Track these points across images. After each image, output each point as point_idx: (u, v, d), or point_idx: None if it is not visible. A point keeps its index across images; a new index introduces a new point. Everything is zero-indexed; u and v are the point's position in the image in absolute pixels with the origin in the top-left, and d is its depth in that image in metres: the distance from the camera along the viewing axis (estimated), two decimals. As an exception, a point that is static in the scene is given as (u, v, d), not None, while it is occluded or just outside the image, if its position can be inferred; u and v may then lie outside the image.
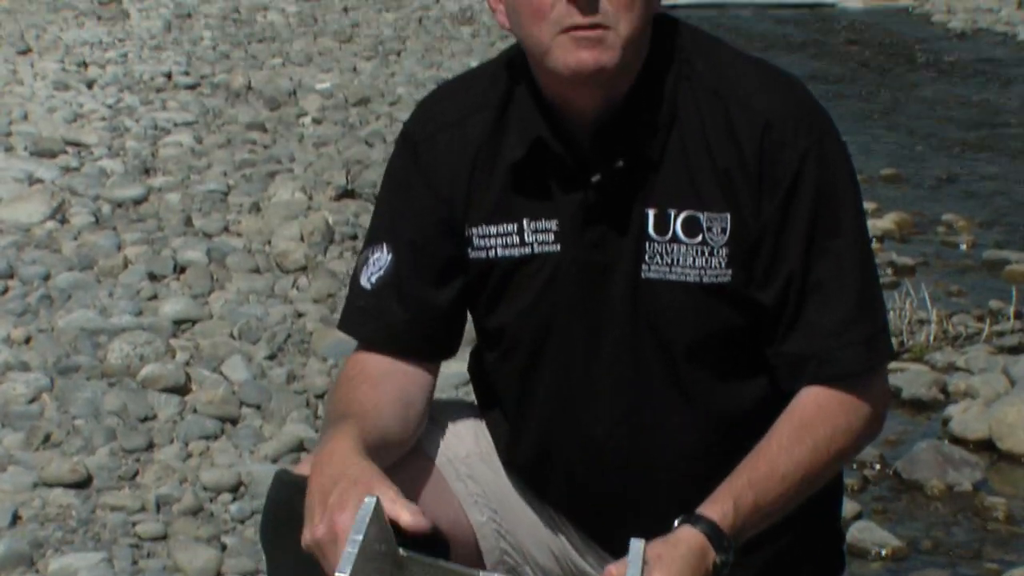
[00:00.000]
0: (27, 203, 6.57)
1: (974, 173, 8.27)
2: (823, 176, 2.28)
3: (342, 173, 7.25)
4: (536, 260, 2.37)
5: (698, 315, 2.33)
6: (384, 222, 2.47)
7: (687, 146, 2.30)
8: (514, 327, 2.43)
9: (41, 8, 13.14)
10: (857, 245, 2.33)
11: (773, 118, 2.28)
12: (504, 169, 2.37)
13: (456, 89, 2.50)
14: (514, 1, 2.26)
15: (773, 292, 2.30)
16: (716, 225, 2.29)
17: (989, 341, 5.51)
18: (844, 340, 2.29)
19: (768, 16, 14.90)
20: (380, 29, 12.73)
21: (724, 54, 2.39)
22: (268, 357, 5.02)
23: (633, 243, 2.32)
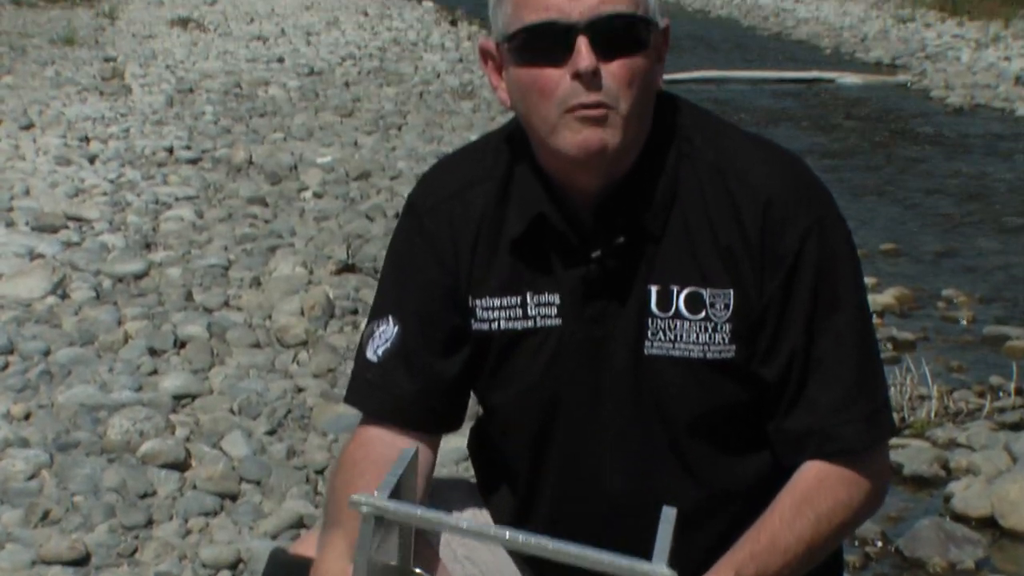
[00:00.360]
0: (28, 278, 6.57)
1: (973, 248, 8.28)
2: (824, 253, 2.30)
3: (343, 247, 7.26)
4: (539, 333, 2.38)
5: (701, 391, 2.33)
6: (389, 294, 2.47)
7: (689, 222, 2.31)
8: (519, 402, 2.43)
9: (44, 84, 13.21)
10: (858, 321, 2.33)
11: (774, 195, 2.29)
12: (506, 242, 2.38)
13: (458, 161, 2.51)
14: (518, 79, 2.27)
15: (775, 369, 2.30)
16: (719, 301, 2.30)
17: (990, 417, 5.50)
18: (845, 416, 2.30)
19: (767, 91, 14.97)
20: (381, 104, 12.79)
21: (724, 131, 2.41)
22: (268, 432, 5.01)
23: (636, 319, 2.32)
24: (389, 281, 2.49)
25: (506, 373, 2.42)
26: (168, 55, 15.76)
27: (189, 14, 20.00)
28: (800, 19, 21.64)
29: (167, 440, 4.76)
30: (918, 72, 15.70)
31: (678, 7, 26.09)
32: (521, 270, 2.38)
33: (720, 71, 16.03)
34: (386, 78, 14.53)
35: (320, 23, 19.79)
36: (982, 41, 17.16)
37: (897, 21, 19.90)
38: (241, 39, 17.61)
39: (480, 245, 2.40)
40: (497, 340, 2.40)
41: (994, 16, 18.54)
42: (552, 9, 2.20)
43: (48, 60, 14.90)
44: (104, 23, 18.89)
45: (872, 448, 2.34)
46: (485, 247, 2.40)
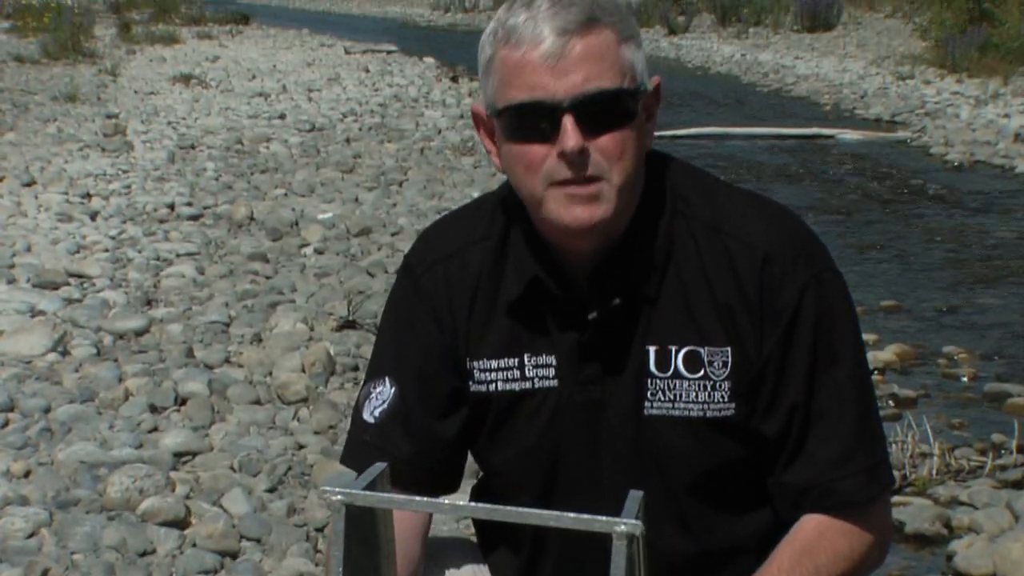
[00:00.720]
0: (29, 335, 6.58)
1: (974, 305, 8.29)
2: (822, 308, 2.31)
3: (344, 304, 7.26)
4: (537, 395, 2.38)
5: (702, 450, 2.34)
6: (387, 355, 2.47)
7: (685, 281, 2.32)
8: (518, 463, 2.43)
9: (46, 140, 13.25)
10: (857, 375, 2.35)
11: (772, 251, 2.30)
12: (503, 304, 2.39)
13: (455, 222, 2.52)
14: (507, 152, 2.28)
15: (775, 424, 2.31)
16: (717, 359, 2.31)
17: (992, 475, 5.49)
18: (845, 471, 2.31)
19: (767, 147, 15.01)
20: (382, 160, 12.82)
21: (717, 188, 2.42)
22: (268, 490, 4.99)
23: (635, 380, 2.33)
24: (386, 341, 2.49)
25: (505, 434, 2.42)
26: (170, 112, 15.81)
27: (191, 71, 20.08)
28: (800, 76, 21.71)
29: (167, 498, 4.74)
30: (918, 129, 15.74)
31: (678, 63, 26.19)
32: (518, 332, 2.38)
33: (720, 127, 16.08)
34: (387, 134, 14.58)
35: (321, 79, 19.87)
36: (981, 98, 17.21)
37: (896, 78, 19.96)
38: (243, 95, 17.68)
39: (477, 306, 2.41)
40: (495, 402, 2.41)
41: (993, 73, 18.60)
42: (537, 88, 2.21)
43: (50, 117, 14.95)
44: (106, 80, 18.96)
45: (872, 502, 2.35)
46: (482, 308, 2.41)
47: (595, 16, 2.22)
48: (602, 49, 2.22)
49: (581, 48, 2.20)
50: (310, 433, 5.56)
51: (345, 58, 24.27)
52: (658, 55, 27.99)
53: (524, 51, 2.21)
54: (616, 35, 2.24)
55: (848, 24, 30.19)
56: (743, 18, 31.77)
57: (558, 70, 2.20)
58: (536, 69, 2.20)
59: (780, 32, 30.00)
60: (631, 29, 2.28)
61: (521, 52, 2.21)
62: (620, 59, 2.24)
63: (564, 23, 2.20)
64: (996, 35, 19.98)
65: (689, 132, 15.71)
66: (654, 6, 34.68)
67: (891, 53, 23.16)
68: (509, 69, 2.23)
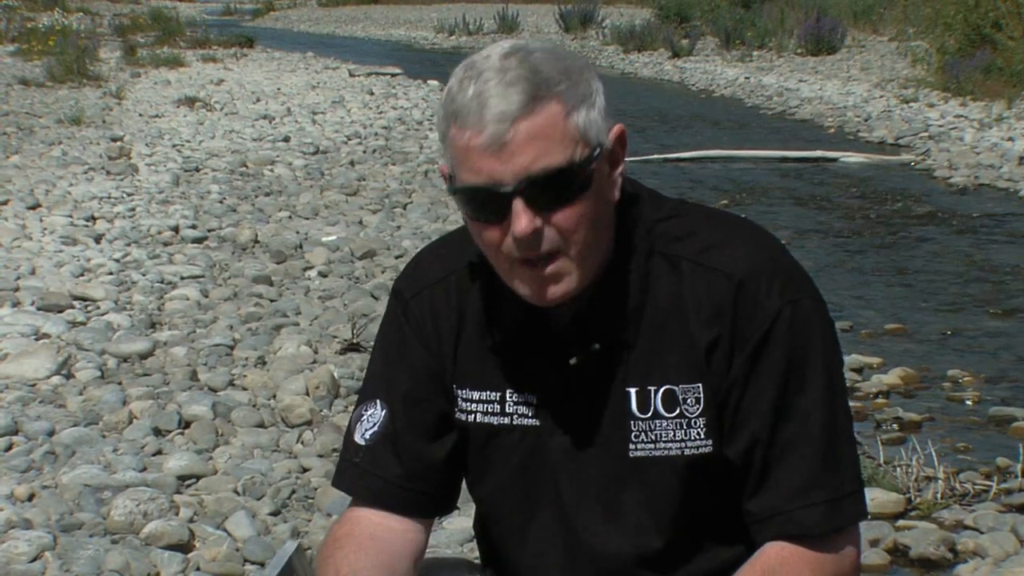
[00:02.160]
0: (33, 358, 6.58)
1: (978, 328, 8.28)
2: (795, 337, 2.30)
3: (348, 326, 7.27)
4: (515, 431, 2.40)
5: (684, 488, 2.36)
6: (378, 378, 2.49)
7: (661, 320, 2.33)
8: (496, 496, 2.46)
9: (51, 163, 13.26)
10: (827, 404, 2.33)
11: (746, 277, 2.30)
12: (488, 341, 2.41)
13: (443, 248, 2.54)
14: (469, 225, 2.30)
15: (738, 448, 2.33)
16: (690, 396, 2.32)
17: (997, 499, 5.48)
18: (808, 500, 2.31)
19: (771, 169, 15.01)
20: (386, 183, 12.84)
21: (691, 217, 2.41)
22: (272, 513, 4.99)
23: (618, 423, 2.35)
24: (377, 365, 2.51)
25: (483, 467, 2.45)
26: (174, 134, 15.83)
27: (196, 93, 20.10)
28: (803, 98, 21.71)
29: (171, 521, 4.74)
30: (921, 152, 15.73)
31: (682, 86, 26.23)
32: (503, 366, 2.40)
33: (724, 150, 16.09)
34: (391, 157, 14.59)
35: (326, 102, 19.89)
36: (985, 121, 17.21)
37: (900, 101, 19.95)
38: (247, 118, 17.70)
39: (464, 335, 2.43)
40: (474, 432, 2.43)
41: (997, 97, 18.60)
42: (483, 173, 2.20)
43: (55, 140, 14.97)
44: (111, 103, 18.98)
45: (836, 533, 2.33)
46: (468, 338, 2.43)
47: (539, 93, 2.19)
48: (547, 127, 2.19)
49: (525, 129, 2.18)
50: (314, 456, 5.56)
51: (349, 81, 24.30)
52: (662, 78, 28.02)
53: (469, 136, 2.20)
54: (563, 106, 2.20)
55: (852, 47, 30.21)
56: (747, 41, 31.79)
57: (504, 156, 2.18)
58: (482, 155, 2.20)
59: (784, 55, 30.03)
60: (581, 92, 2.23)
61: (466, 136, 2.21)
62: (568, 131, 2.21)
63: (505, 107, 2.17)
64: (1000, 58, 19.99)
65: (693, 155, 15.73)
66: (658, 29, 34.73)
67: (895, 76, 23.18)
68: (459, 151, 2.24)
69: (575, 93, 2.22)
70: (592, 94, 2.24)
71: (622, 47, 33.67)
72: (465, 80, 2.23)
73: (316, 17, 62.28)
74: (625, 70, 29.98)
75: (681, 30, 34.96)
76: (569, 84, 2.22)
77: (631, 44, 33.59)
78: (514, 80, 2.19)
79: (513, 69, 2.20)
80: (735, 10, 36.75)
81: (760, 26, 32.96)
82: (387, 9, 61.80)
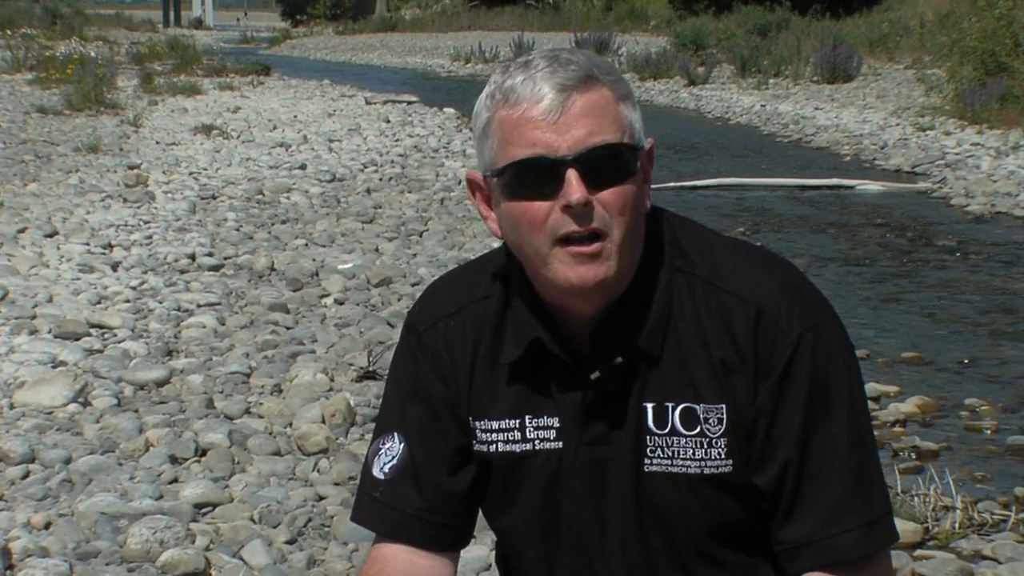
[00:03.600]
0: (50, 386, 6.59)
1: (996, 357, 8.25)
2: (817, 360, 2.30)
3: (364, 354, 7.26)
4: (538, 456, 2.39)
5: (701, 507, 2.35)
6: (394, 411, 2.49)
7: (682, 337, 2.33)
8: (522, 524, 2.44)
9: (68, 191, 13.31)
10: (853, 428, 2.33)
11: (765, 304, 2.31)
12: (504, 366, 2.40)
13: (456, 281, 2.54)
14: (509, 211, 2.29)
15: (768, 477, 2.32)
16: (713, 416, 2.32)
17: (1016, 529, 5.45)
18: (841, 526, 2.30)
19: (787, 197, 15.01)
20: (402, 210, 12.85)
21: (714, 242, 2.43)
22: (288, 541, 4.98)
23: (634, 438, 2.34)
24: (393, 398, 2.51)
25: (508, 496, 2.44)
26: (191, 162, 15.88)
27: (212, 121, 20.17)
28: (820, 126, 21.71)
29: (187, 549, 4.74)
30: (938, 180, 15.72)
31: (698, 113, 26.25)
32: (520, 393, 2.39)
33: (741, 177, 16.09)
34: (407, 184, 14.61)
35: (342, 130, 19.93)
36: (1002, 149, 17.19)
37: (916, 129, 19.95)
38: (264, 146, 17.74)
39: (478, 366, 2.42)
40: (496, 462, 2.42)
41: (1013, 125, 18.58)
42: (539, 144, 2.22)
43: (72, 167, 15.02)
44: (128, 131, 19.05)
45: (870, 558, 2.33)
46: (483, 369, 2.42)
47: (593, 74, 2.25)
48: (602, 105, 2.25)
49: (581, 103, 2.22)
50: (330, 484, 5.55)
51: (366, 108, 24.36)
52: (678, 105, 28.05)
53: (524, 109, 2.23)
54: (614, 93, 2.27)
55: (868, 75, 30.24)
56: (763, 69, 31.84)
57: (559, 126, 2.21)
58: (537, 126, 2.22)
59: (800, 83, 30.06)
60: (627, 90, 2.30)
61: (521, 110, 2.23)
62: (619, 115, 2.26)
63: (563, 80, 2.22)
64: (1016, 86, 19.97)
65: (710, 182, 15.73)
66: (674, 57, 34.78)
67: (911, 104, 23.18)
68: (509, 128, 2.25)
69: (622, 87, 2.30)
70: (634, 97, 2.32)
71: (638, 75, 33.73)
72: (512, 71, 2.28)
73: (332, 45, 62.48)
74: (641, 97, 30.01)
75: (697, 58, 35.03)
76: (616, 79, 2.30)
77: (647, 72, 33.65)
78: (567, 62, 2.25)
79: (564, 55, 2.27)
80: (751, 38, 36.84)
81: (776, 54, 33.01)
82: (403, 37, 61.99)
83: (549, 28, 55.24)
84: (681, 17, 50.13)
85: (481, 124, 2.30)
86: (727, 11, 47.45)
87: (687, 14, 50.79)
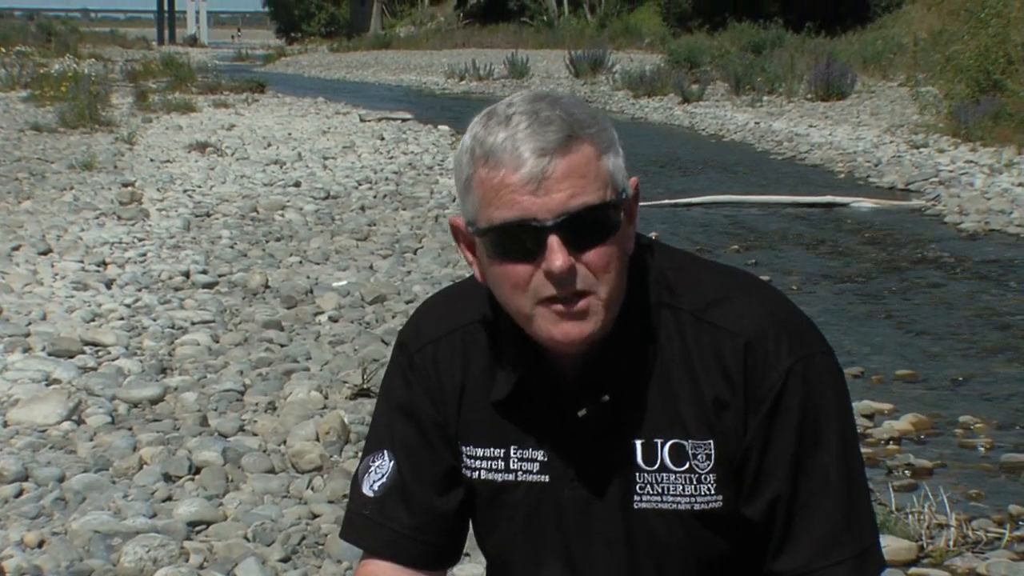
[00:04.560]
0: (44, 404, 6.58)
1: (990, 374, 8.26)
2: (807, 392, 2.29)
3: (358, 372, 7.26)
4: (520, 487, 2.39)
5: (692, 543, 2.34)
6: (383, 429, 2.48)
7: (670, 372, 2.32)
8: (503, 552, 2.45)
9: (63, 209, 13.31)
10: (844, 459, 2.32)
11: (754, 336, 2.29)
12: (492, 398, 2.40)
13: (447, 302, 2.52)
14: (491, 270, 2.27)
15: (759, 509, 2.31)
16: (701, 452, 2.31)
17: (1010, 547, 5.45)
18: (833, 558, 2.29)
19: (781, 215, 15.02)
20: (397, 227, 12.86)
21: (701, 273, 2.40)
22: (282, 560, 4.98)
23: (623, 474, 2.34)
24: (383, 416, 2.50)
25: (491, 522, 2.44)
26: (186, 179, 15.88)
27: (207, 139, 20.18)
28: (814, 144, 21.74)
29: (181, 568, 4.73)
30: (932, 197, 15.74)
31: (692, 131, 26.28)
32: (506, 423, 2.39)
33: (735, 195, 16.11)
34: (402, 202, 14.62)
35: (337, 147, 19.95)
36: (995, 166, 17.22)
37: (910, 146, 19.97)
38: (258, 163, 17.75)
39: (467, 391, 2.42)
40: (479, 488, 2.42)
41: (1007, 142, 18.62)
42: (519, 208, 2.19)
43: (67, 185, 15.03)
44: (123, 148, 19.06)
45: None
46: (472, 394, 2.42)
47: (574, 133, 2.20)
48: (583, 165, 2.20)
49: (563, 167, 2.18)
50: (324, 502, 5.54)
51: (360, 126, 24.37)
52: (672, 123, 28.08)
53: (504, 173, 2.19)
54: (595, 148, 2.22)
55: (862, 92, 30.30)
56: (757, 86, 31.89)
57: (540, 191, 2.17)
58: (517, 190, 2.18)
59: (794, 100, 30.10)
60: (609, 138, 2.25)
61: (501, 174, 2.19)
62: (601, 172, 2.22)
63: (543, 143, 2.18)
64: (1009, 104, 20.01)
65: (704, 200, 15.74)
66: (668, 74, 34.83)
67: (905, 121, 23.21)
68: (489, 190, 2.21)
69: (605, 138, 2.24)
70: (616, 142, 2.27)
71: (632, 92, 33.78)
72: (493, 126, 2.22)
73: (327, 62, 62.55)
74: (635, 115, 30.06)
75: (691, 75, 35.09)
76: (598, 129, 2.24)
77: (641, 89, 33.70)
78: (548, 120, 2.20)
79: (545, 110, 2.21)
80: (745, 56, 36.88)
81: (770, 71, 33.06)
82: (398, 54, 62.06)
83: (543, 45, 55.35)
84: (675, 34, 50.25)
85: (463, 177, 2.26)
86: (721, 28, 47.55)
87: (681, 31, 50.92)
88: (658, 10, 57.71)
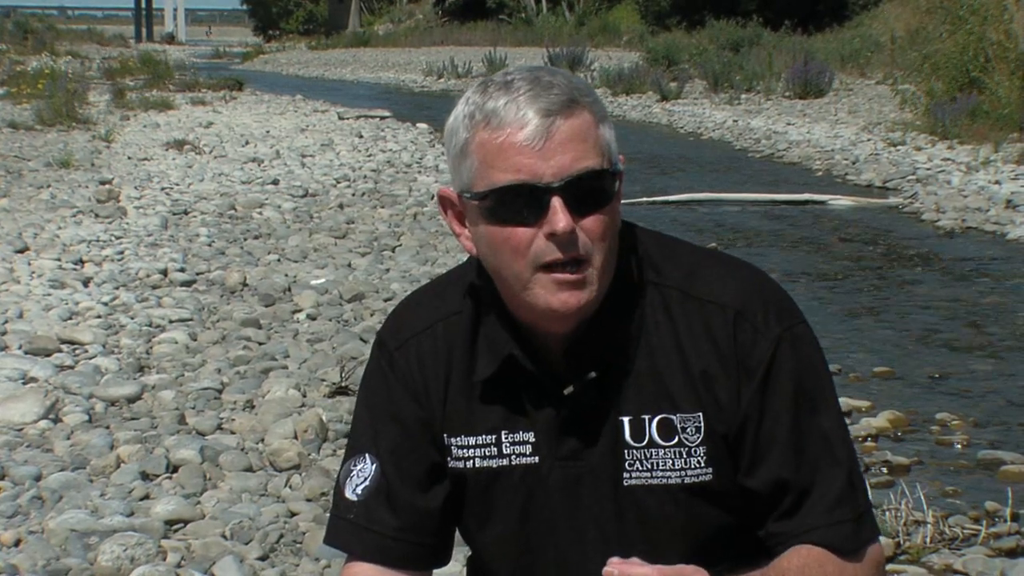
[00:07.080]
0: (20, 402, 6.56)
1: (967, 371, 8.28)
2: (798, 360, 2.33)
3: (336, 370, 7.25)
4: (515, 471, 2.39)
5: (683, 516, 2.35)
6: (365, 432, 2.48)
7: (656, 349, 2.34)
8: (500, 540, 2.44)
9: (40, 206, 13.27)
10: (840, 423, 2.38)
11: (742, 308, 2.33)
12: (478, 382, 2.40)
13: (426, 298, 2.53)
14: (489, 236, 2.27)
15: (764, 477, 2.33)
16: (690, 425, 2.33)
17: (986, 543, 5.47)
18: (836, 517, 2.33)
19: (758, 212, 15.04)
20: (375, 225, 12.84)
21: (684, 252, 2.44)
22: (260, 558, 4.97)
23: (612, 452, 2.35)
24: (364, 418, 2.49)
25: (485, 512, 2.43)
26: (163, 177, 15.85)
27: (184, 136, 20.13)
28: (792, 142, 21.76)
29: (158, 566, 4.72)
30: (909, 195, 15.77)
31: (670, 128, 26.30)
32: (494, 409, 2.39)
33: (713, 193, 16.12)
34: (380, 200, 14.61)
35: (315, 145, 19.92)
36: (972, 165, 17.26)
37: (888, 144, 20.01)
38: (236, 161, 17.72)
39: (452, 383, 2.42)
40: (472, 478, 2.42)
41: (984, 140, 18.66)
42: (523, 170, 2.21)
43: (44, 183, 14.98)
44: (100, 146, 19.01)
45: (864, 546, 2.36)
46: (457, 385, 2.42)
47: (575, 98, 2.23)
48: (585, 130, 2.23)
49: (566, 129, 2.21)
50: (302, 500, 5.54)
51: (339, 124, 24.35)
52: (651, 121, 28.10)
53: (507, 134, 2.20)
54: (594, 116, 2.26)
55: (839, 90, 30.35)
56: (735, 84, 31.93)
57: (544, 152, 2.19)
58: (521, 151, 2.20)
59: (772, 98, 30.14)
60: (604, 110, 2.30)
61: (504, 135, 2.21)
62: (600, 140, 2.26)
63: (547, 105, 2.21)
64: (986, 102, 20.06)
65: (682, 198, 15.75)
66: (646, 72, 34.85)
67: (882, 119, 23.26)
68: (491, 152, 2.22)
69: (600, 108, 2.29)
70: (608, 116, 2.31)
71: (611, 90, 33.79)
72: (493, 91, 2.25)
73: (305, 60, 62.44)
74: (614, 113, 30.06)
75: (669, 73, 35.11)
76: (594, 99, 2.28)
77: (620, 87, 33.72)
78: (550, 85, 2.23)
79: (546, 76, 2.25)
80: (723, 54, 36.93)
81: (748, 69, 33.10)
82: (376, 52, 62.00)
83: (522, 43, 55.33)
84: (653, 32, 50.28)
85: (458, 143, 2.27)
86: (699, 26, 47.61)
87: (659, 29, 50.96)
88: (636, 8, 57.75)
